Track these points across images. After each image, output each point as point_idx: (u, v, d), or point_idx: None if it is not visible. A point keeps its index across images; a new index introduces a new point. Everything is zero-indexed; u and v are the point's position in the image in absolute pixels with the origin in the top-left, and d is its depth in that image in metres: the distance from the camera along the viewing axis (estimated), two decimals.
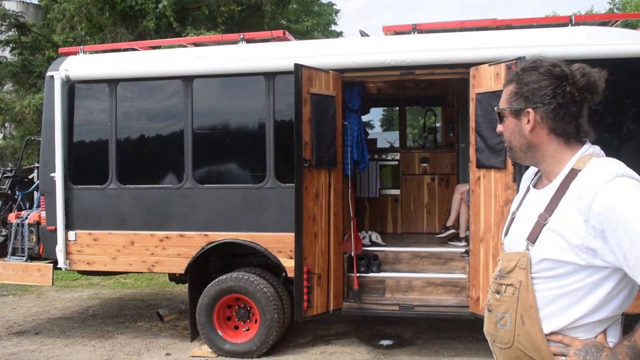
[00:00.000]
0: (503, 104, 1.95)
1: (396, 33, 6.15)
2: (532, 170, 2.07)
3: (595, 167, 1.75)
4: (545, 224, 1.79)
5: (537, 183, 1.98)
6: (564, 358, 1.76)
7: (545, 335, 1.79)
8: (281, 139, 5.88)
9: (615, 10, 20.78)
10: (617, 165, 1.73)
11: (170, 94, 6.26)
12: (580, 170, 1.78)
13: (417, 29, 5.98)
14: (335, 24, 22.68)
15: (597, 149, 1.88)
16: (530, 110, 1.85)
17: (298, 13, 19.12)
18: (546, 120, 1.84)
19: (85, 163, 6.47)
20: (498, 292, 1.90)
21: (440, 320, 6.60)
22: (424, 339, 6.37)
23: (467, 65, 5.49)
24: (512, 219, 2.01)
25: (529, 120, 1.86)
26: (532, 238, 1.81)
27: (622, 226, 1.61)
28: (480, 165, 5.38)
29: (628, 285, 1.75)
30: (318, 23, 20.25)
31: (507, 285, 1.87)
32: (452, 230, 6.78)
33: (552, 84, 1.82)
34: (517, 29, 5.95)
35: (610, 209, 1.64)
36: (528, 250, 1.81)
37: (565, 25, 5.78)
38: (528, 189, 2.01)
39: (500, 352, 1.93)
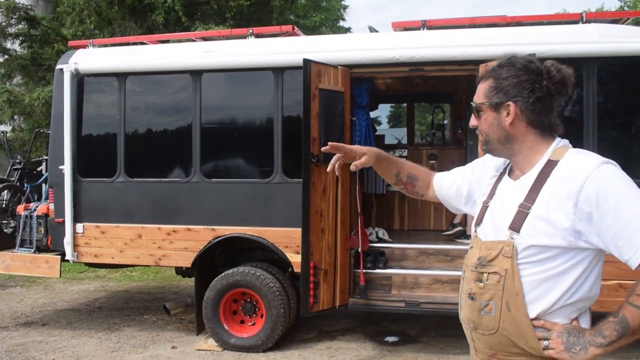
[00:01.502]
0: (480, 98, 2.01)
1: (405, 29, 6.13)
2: (497, 161, 2.15)
3: (579, 156, 1.86)
4: (528, 213, 1.86)
5: (510, 174, 2.06)
6: (546, 342, 1.83)
7: (531, 319, 1.85)
8: (289, 134, 5.88)
9: (626, 8, 20.65)
10: (596, 155, 1.85)
11: (179, 88, 6.26)
12: (558, 161, 1.87)
13: (426, 25, 5.96)
14: (343, 19, 22.66)
15: (567, 141, 1.97)
16: (511, 103, 1.92)
17: (307, 8, 19.09)
18: (525, 113, 1.92)
19: (93, 156, 6.49)
20: (480, 280, 1.95)
21: (446, 318, 6.57)
22: (430, 336, 6.37)
23: (477, 62, 5.46)
24: (485, 207, 2.07)
25: (508, 113, 1.94)
26: (516, 227, 1.87)
27: (613, 209, 1.71)
28: None
29: (595, 269, 1.86)
30: (326, 18, 20.21)
31: (489, 273, 1.92)
32: (460, 228, 6.76)
33: (530, 79, 1.90)
34: (528, 25, 5.91)
35: (601, 192, 1.73)
36: (512, 239, 1.87)
37: (576, 22, 5.75)
38: (499, 179, 2.09)
39: (481, 339, 1.99)
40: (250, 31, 6.27)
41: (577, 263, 1.82)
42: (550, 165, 1.88)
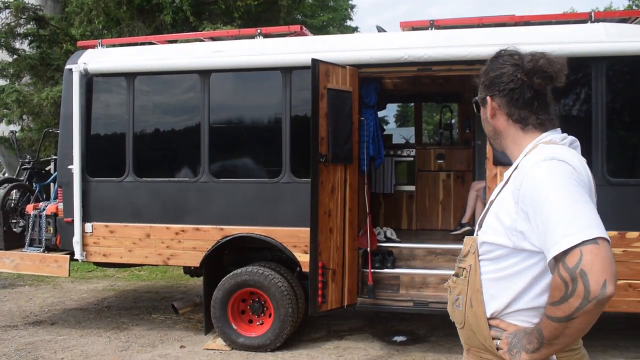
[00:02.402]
0: (475, 97, 2.06)
1: (413, 29, 6.12)
2: None
3: (534, 152, 1.80)
4: (489, 209, 1.89)
5: None
6: (498, 342, 1.82)
7: (487, 318, 1.85)
8: (297, 134, 5.89)
9: (634, 7, 20.54)
10: (552, 150, 1.75)
11: (188, 88, 6.28)
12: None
13: (434, 24, 5.95)
14: (350, 19, 22.65)
15: (557, 136, 1.88)
16: (488, 98, 1.95)
17: (314, 8, 19.09)
18: (502, 106, 1.92)
19: (102, 156, 6.52)
20: (457, 275, 1.99)
21: None
22: (438, 335, 6.37)
23: (485, 62, 5.44)
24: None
25: (491, 108, 1.95)
26: (481, 223, 1.92)
27: (538, 208, 1.65)
28: (497, 162, 5.35)
29: None
30: (334, 18, 20.22)
31: (462, 268, 1.96)
32: (468, 227, 6.76)
33: (507, 71, 1.89)
34: (536, 25, 5.90)
35: (530, 190, 1.68)
36: (477, 235, 1.92)
37: (584, 21, 5.72)
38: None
39: (459, 332, 2.03)
40: (259, 31, 6.28)
41: (531, 266, 1.75)
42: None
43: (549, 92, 1.91)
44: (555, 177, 1.66)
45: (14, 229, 7.11)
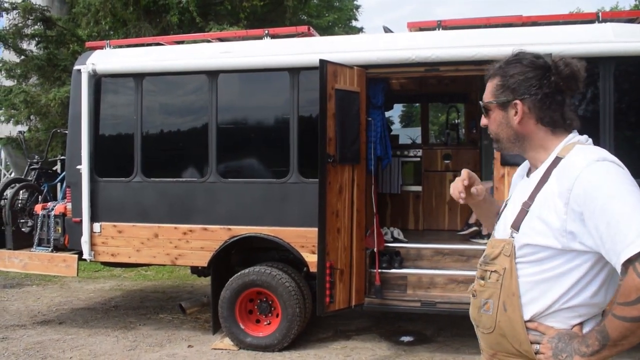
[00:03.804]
0: (488, 97, 1.98)
1: (421, 29, 6.13)
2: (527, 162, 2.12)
3: (577, 153, 1.80)
4: (528, 211, 1.83)
5: (529, 171, 2.02)
6: (537, 346, 1.79)
7: (525, 322, 1.82)
8: (305, 134, 5.90)
9: None
10: (598, 151, 1.77)
11: (195, 89, 6.31)
12: (562, 158, 1.82)
13: (441, 25, 5.96)
14: (356, 19, 22.63)
15: (583, 137, 1.91)
16: (518, 101, 1.89)
17: (319, 8, 19.08)
18: (533, 110, 1.88)
19: (110, 156, 6.55)
20: (483, 278, 1.94)
21: (461, 318, 6.54)
22: (445, 336, 6.37)
23: (492, 62, 5.44)
24: (505, 206, 2.06)
25: (516, 112, 1.90)
26: (516, 225, 1.85)
27: (600, 209, 1.63)
28: (505, 163, 5.36)
29: (601, 274, 1.77)
30: (339, 18, 20.19)
31: (491, 271, 1.90)
32: (475, 228, 6.75)
33: (537, 75, 1.86)
34: (543, 25, 5.90)
35: (589, 191, 1.67)
36: (512, 237, 1.85)
37: (591, 22, 5.72)
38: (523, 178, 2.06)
39: (482, 337, 1.98)
40: (266, 32, 6.30)
41: (576, 267, 1.75)
42: (556, 162, 1.84)
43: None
44: (614, 177, 1.68)
45: (23, 229, 7.14)
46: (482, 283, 1.93)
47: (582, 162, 1.73)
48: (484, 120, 2.03)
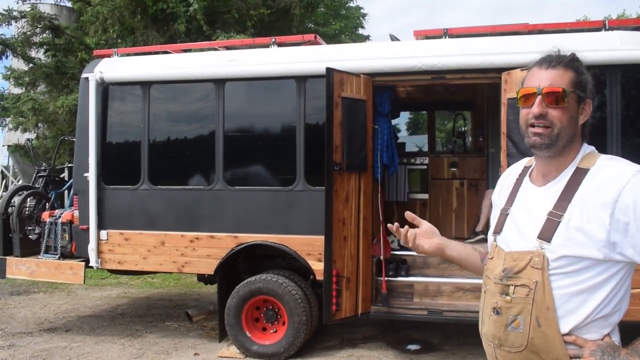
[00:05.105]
0: (568, 86, 1.80)
1: (427, 37, 6.14)
2: (515, 171, 2.08)
3: (614, 163, 1.76)
4: (560, 221, 1.75)
5: (532, 179, 1.95)
6: None
7: (563, 335, 1.75)
8: (311, 142, 5.91)
9: None
10: (631, 162, 1.76)
11: (202, 97, 6.33)
12: (589, 168, 1.78)
13: (448, 33, 5.97)
14: (362, 27, 22.67)
15: (593, 148, 1.88)
16: (589, 101, 1.83)
17: (326, 17, 19.14)
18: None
19: (118, 164, 6.58)
20: (506, 294, 1.82)
21: (468, 326, 6.52)
22: (452, 344, 6.34)
23: (499, 70, 5.45)
24: (505, 215, 1.96)
25: (585, 111, 1.84)
26: (546, 236, 1.76)
27: None
28: None
29: (627, 282, 1.77)
30: (346, 26, 20.23)
31: (516, 286, 1.80)
32: (482, 236, 6.72)
33: (594, 82, 1.84)
34: (550, 33, 5.89)
35: (639, 202, 1.65)
36: (543, 249, 1.76)
37: (598, 29, 5.71)
38: (518, 185, 1.99)
39: (507, 356, 1.85)
40: (273, 40, 6.32)
41: (611, 276, 1.72)
42: (581, 172, 1.78)
43: None
44: None
45: (30, 236, 7.17)
46: (509, 299, 1.81)
47: (625, 173, 1.70)
48: (541, 109, 1.80)
